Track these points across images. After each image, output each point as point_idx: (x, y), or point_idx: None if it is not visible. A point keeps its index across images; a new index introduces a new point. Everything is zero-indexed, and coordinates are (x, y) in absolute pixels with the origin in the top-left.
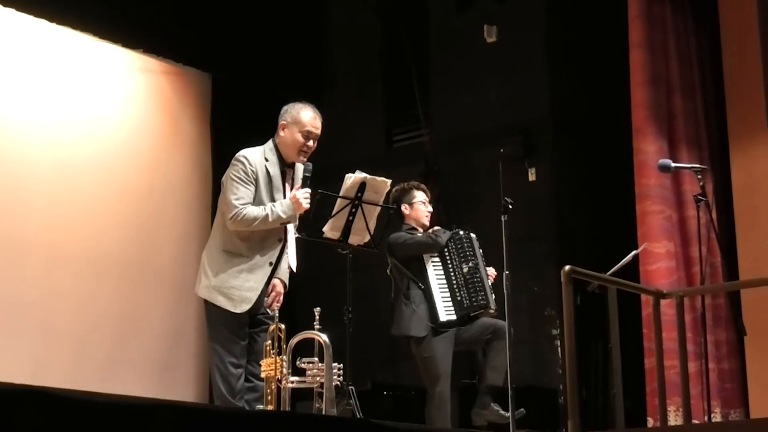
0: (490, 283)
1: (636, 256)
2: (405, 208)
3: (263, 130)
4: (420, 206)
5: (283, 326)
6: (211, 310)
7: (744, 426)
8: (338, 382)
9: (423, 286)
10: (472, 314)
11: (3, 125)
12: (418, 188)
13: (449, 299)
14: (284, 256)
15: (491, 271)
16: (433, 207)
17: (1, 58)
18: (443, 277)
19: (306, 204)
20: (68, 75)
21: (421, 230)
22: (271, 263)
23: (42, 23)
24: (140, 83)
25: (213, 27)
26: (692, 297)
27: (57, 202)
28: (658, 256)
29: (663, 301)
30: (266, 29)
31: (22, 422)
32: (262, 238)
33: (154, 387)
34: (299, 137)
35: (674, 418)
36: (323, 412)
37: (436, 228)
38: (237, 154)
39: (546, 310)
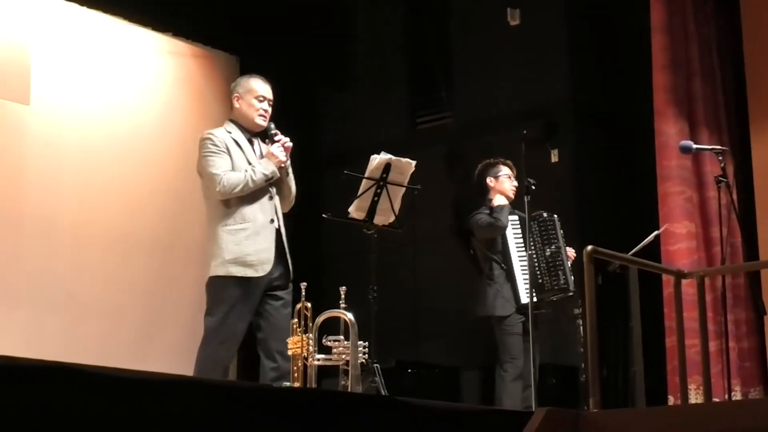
0: (569, 265)
1: (657, 237)
2: (490, 181)
3: (288, 111)
4: (505, 179)
5: (309, 305)
6: (220, 294)
7: (764, 404)
8: (363, 360)
9: (506, 267)
10: (552, 298)
11: (36, 106)
12: (504, 163)
13: (529, 281)
14: (280, 213)
15: (571, 252)
16: (456, 189)
17: (33, 42)
18: (525, 258)
19: (282, 156)
20: (99, 58)
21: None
22: (272, 220)
23: (73, 6)
24: (169, 66)
25: (240, 10)
26: (713, 277)
27: (87, 181)
28: (679, 236)
29: (684, 281)
30: (291, 12)
31: (54, 398)
32: (252, 200)
33: (183, 363)
34: (255, 102)
35: (695, 397)
36: (349, 390)
37: (497, 204)
38: (201, 136)
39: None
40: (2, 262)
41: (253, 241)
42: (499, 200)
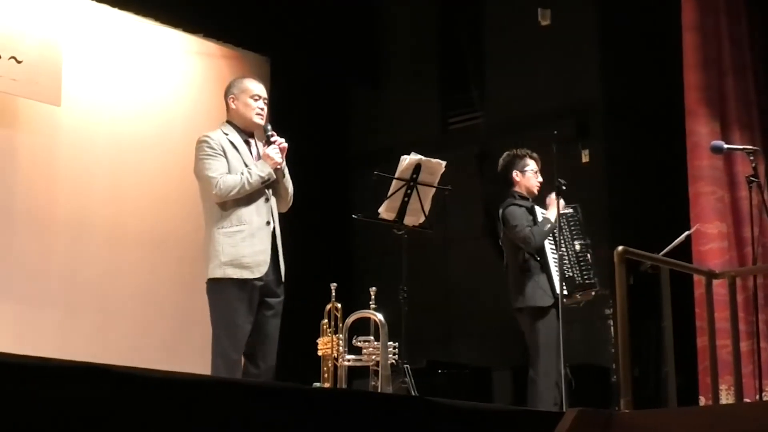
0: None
1: (688, 237)
2: (516, 175)
3: (319, 111)
4: (531, 175)
5: (339, 305)
6: (220, 297)
7: None
8: (394, 360)
9: (539, 258)
10: (578, 295)
11: (67, 107)
12: (531, 157)
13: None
14: (276, 215)
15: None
16: (487, 188)
17: (65, 44)
18: (555, 252)
19: (278, 158)
20: (130, 59)
21: (530, 198)
22: (268, 222)
23: (104, 8)
24: (199, 67)
25: (271, 11)
26: (744, 277)
27: (118, 182)
28: (710, 236)
29: (715, 281)
30: (323, 12)
31: (85, 398)
32: (248, 202)
33: None
34: (251, 102)
35: (726, 397)
36: (379, 390)
37: (545, 218)
38: (197, 139)
39: (600, 290)
40: (34, 263)
41: (249, 243)
42: (551, 212)
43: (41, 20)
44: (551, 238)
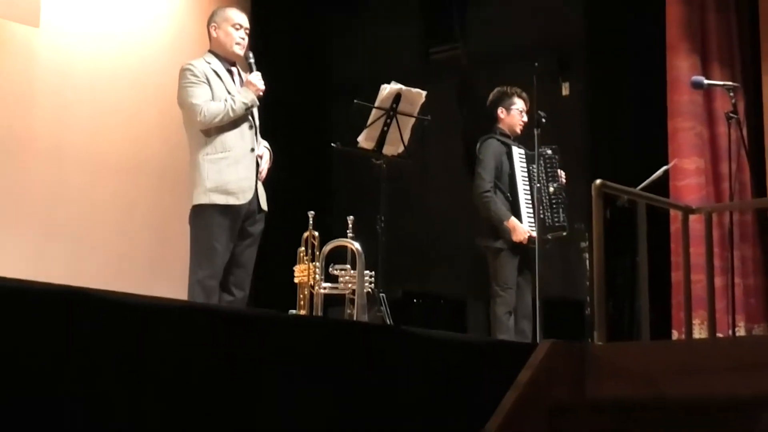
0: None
1: (666, 172)
2: (501, 112)
3: (300, 41)
4: (516, 114)
5: (317, 234)
6: (204, 222)
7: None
8: (369, 290)
9: (511, 198)
10: (549, 236)
11: (46, 29)
12: (519, 96)
13: (532, 215)
14: (260, 142)
15: (560, 173)
16: (467, 120)
17: None
18: (529, 192)
19: (261, 85)
20: None
21: (512, 137)
22: (252, 149)
23: None
24: None
25: None
26: (720, 213)
27: (97, 107)
28: (687, 172)
29: (691, 217)
30: None
31: (62, 321)
32: (232, 129)
33: None
34: (232, 31)
35: (699, 331)
36: (354, 318)
37: (509, 225)
38: (180, 68)
39: (575, 224)
40: (11, 187)
41: (234, 170)
42: (514, 235)
43: None
44: (525, 177)
